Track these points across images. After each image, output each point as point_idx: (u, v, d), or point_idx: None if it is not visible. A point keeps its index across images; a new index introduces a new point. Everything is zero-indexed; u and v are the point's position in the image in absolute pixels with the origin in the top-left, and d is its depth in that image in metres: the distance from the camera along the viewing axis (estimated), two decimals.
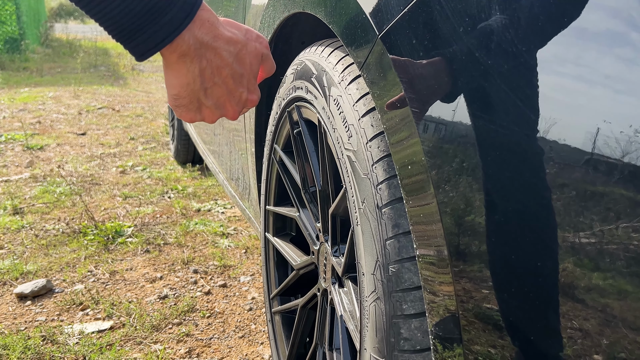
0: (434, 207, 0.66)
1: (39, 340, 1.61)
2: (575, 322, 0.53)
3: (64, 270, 2.13)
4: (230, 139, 1.94)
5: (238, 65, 0.75)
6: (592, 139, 0.50)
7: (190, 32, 0.68)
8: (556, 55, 0.54)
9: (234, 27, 0.75)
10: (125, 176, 3.53)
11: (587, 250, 0.51)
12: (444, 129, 0.65)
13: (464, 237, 0.63)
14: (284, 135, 1.25)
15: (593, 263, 0.51)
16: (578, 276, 0.52)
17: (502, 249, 0.60)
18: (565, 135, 0.52)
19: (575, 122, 0.52)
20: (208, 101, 0.75)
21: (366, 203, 0.81)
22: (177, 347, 1.59)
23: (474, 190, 0.62)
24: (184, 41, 0.67)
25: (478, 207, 0.62)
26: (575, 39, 0.53)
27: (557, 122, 0.53)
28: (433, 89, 0.67)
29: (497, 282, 0.61)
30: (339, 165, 0.91)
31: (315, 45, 1.08)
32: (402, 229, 0.76)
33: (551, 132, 0.53)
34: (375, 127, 0.81)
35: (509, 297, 0.60)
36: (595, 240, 0.50)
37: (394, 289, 0.76)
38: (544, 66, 0.55)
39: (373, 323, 0.80)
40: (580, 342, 0.53)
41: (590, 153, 0.50)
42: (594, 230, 0.50)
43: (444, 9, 0.65)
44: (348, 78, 0.90)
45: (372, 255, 0.80)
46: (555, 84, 0.55)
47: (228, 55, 0.73)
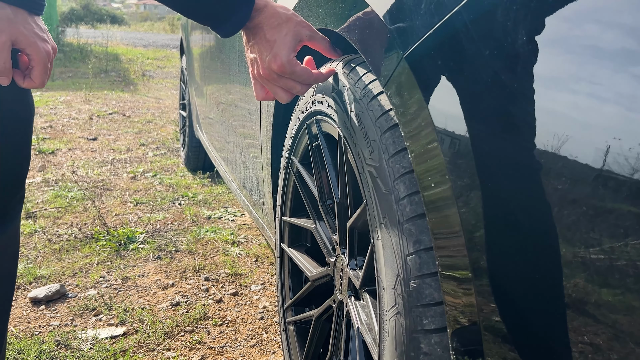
0: (456, 223, 0.67)
1: (53, 345, 1.63)
2: (602, 337, 0.54)
3: (77, 275, 2.15)
4: (244, 148, 1.96)
5: (271, 34, 0.94)
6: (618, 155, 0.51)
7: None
8: (579, 75, 0.56)
9: (283, 9, 0.97)
10: (136, 182, 3.56)
11: (614, 264, 0.52)
12: (468, 146, 0.67)
13: (486, 252, 0.65)
14: (302, 148, 1.27)
15: (618, 276, 0.52)
16: (603, 289, 0.53)
17: (525, 264, 0.61)
18: (594, 152, 0.53)
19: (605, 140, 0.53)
20: (250, 54, 0.99)
21: (387, 218, 0.82)
22: (190, 355, 1.60)
23: (497, 205, 0.63)
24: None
25: (500, 222, 0.63)
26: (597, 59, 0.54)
27: (581, 140, 0.55)
28: (457, 108, 0.68)
29: (520, 297, 0.62)
30: (359, 179, 0.93)
31: (335, 61, 1.09)
32: (424, 245, 0.77)
33: (572, 149, 0.54)
34: (397, 143, 0.83)
35: (532, 312, 0.61)
36: (620, 256, 0.51)
37: (415, 304, 0.77)
38: (569, 87, 0.57)
39: (392, 337, 0.81)
40: (609, 355, 0.54)
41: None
42: (618, 244, 0.51)
43: (469, 31, 0.67)
44: (370, 94, 0.91)
45: (392, 270, 0.81)
46: (578, 103, 0.56)
47: (265, 25, 0.94)
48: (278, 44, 0.93)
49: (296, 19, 0.97)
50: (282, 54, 0.93)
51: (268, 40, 0.94)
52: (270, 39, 0.94)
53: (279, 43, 0.93)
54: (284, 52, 0.93)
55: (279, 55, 0.93)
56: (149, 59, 11.66)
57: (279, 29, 0.94)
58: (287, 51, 0.93)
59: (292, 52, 0.94)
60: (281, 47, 0.93)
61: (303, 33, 0.97)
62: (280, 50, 0.93)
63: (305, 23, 0.98)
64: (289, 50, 0.94)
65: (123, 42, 15.00)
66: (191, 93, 3.52)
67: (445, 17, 0.70)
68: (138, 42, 15.76)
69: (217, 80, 2.43)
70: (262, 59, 0.95)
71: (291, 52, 0.94)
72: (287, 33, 0.94)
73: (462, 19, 0.68)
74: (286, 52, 0.93)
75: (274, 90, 0.99)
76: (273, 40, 0.94)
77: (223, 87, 2.28)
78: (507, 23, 0.63)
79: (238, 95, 1.93)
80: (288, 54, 0.93)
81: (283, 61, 0.93)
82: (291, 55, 0.94)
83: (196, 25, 3.23)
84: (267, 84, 0.99)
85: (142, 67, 10.11)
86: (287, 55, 0.93)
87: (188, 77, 3.67)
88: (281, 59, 0.93)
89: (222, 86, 2.28)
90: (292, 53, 0.94)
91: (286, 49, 0.93)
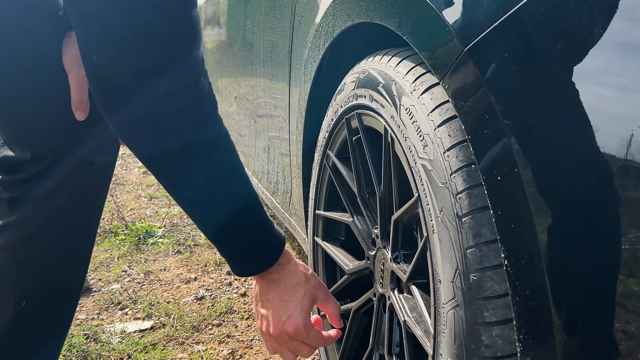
0: (526, 215, 0.68)
1: (82, 339, 1.63)
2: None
3: (99, 269, 2.15)
4: (269, 143, 1.96)
5: (288, 294, 0.91)
6: None
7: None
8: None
9: (304, 268, 0.95)
10: (148, 176, 3.56)
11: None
12: (535, 138, 0.67)
13: (557, 244, 0.65)
14: (339, 142, 1.27)
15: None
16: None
17: (600, 254, 0.61)
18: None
19: None
20: (263, 310, 0.93)
21: (444, 212, 0.83)
22: (220, 348, 1.61)
23: (567, 196, 0.64)
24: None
25: (571, 213, 0.63)
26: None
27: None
28: (524, 100, 0.68)
29: (593, 287, 0.63)
30: (409, 173, 0.93)
31: (379, 54, 1.09)
32: (484, 238, 0.77)
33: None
34: (453, 137, 0.83)
35: (606, 302, 0.61)
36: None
37: (475, 297, 0.77)
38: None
39: (451, 329, 0.82)
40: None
41: None
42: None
43: (537, 25, 0.67)
44: (421, 88, 0.91)
45: (451, 263, 0.81)
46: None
47: (283, 282, 0.91)
48: (295, 306, 0.90)
49: (315, 279, 0.95)
50: (298, 318, 0.90)
51: (284, 300, 0.90)
52: (287, 298, 0.90)
53: (296, 305, 0.90)
54: (301, 315, 0.90)
55: (295, 319, 0.90)
56: None
57: (297, 290, 0.91)
58: (304, 315, 0.90)
59: (308, 316, 0.92)
60: (298, 310, 0.90)
61: (319, 296, 0.96)
62: (297, 313, 0.90)
63: (321, 284, 0.97)
64: (306, 314, 0.91)
65: None
66: None
67: (511, 10, 0.70)
68: None
69: (235, 75, 2.42)
70: (275, 319, 0.91)
71: (307, 316, 0.92)
72: (305, 295, 0.92)
73: (529, 11, 0.68)
74: (303, 315, 0.90)
75: (281, 350, 0.95)
76: (290, 300, 0.90)
77: (244, 80, 2.28)
78: (578, 16, 0.63)
79: (263, 89, 1.93)
80: (305, 318, 0.90)
81: (299, 325, 0.90)
82: (307, 319, 0.91)
83: (208, 21, 3.22)
84: (274, 344, 0.95)
85: None
86: (304, 319, 0.90)
87: None
88: (297, 322, 0.89)
89: (244, 80, 2.28)
90: (308, 317, 0.92)
91: (303, 313, 0.90)
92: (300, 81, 1.46)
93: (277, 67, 1.70)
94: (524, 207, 0.68)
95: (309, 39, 1.37)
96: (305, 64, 1.40)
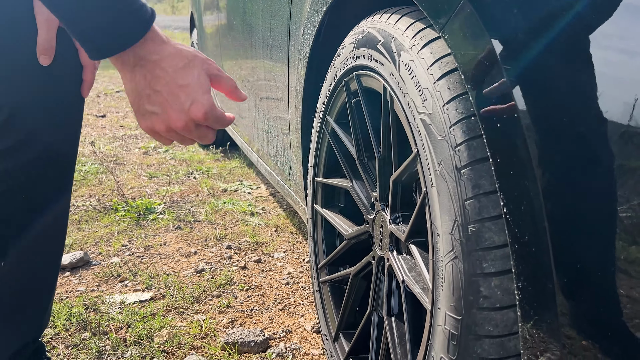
0: (527, 164, 0.67)
1: (82, 309, 1.63)
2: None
3: (99, 244, 2.15)
4: (268, 115, 1.95)
5: (181, 77, 0.80)
6: None
7: (131, 49, 0.78)
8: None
9: (184, 47, 0.83)
10: (148, 157, 3.55)
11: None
12: (538, 83, 0.66)
13: (558, 190, 0.64)
14: (338, 106, 1.26)
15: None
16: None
17: (601, 199, 0.61)
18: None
19: None
20: (151, 106, 0.81)
21: (443, 165, 0.82)
22: (219, 318, 1.61)
23: (569, 141, 0.63)
24: (125, 54, 0.79)
25: (572, 158, 0.63)
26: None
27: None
28: (527, 46, 0.67)
29: (595, 237, 0.62)
30: (408, 130, 0.92)
31: (378, 14, 1.08)
32: (483, 190, 0.77)
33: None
34: (453, 89, 0.82)
35: (608, 250, 0.61)
36: None
37: (474, 248, 0.77)
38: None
39: (449, 282, 0.81)
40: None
41: None
42: None
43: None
44: (420, 43, 0.90)
45: (449, 215, 0.81)
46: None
47: (169, 67, 0.80)
48: (196, 89, 0.80)
49: (200, 54, 0.84)
50: (204, 100, 0.80)
51: (180, 86, 0.79)
52: (182, 83, 0.80)
53: (196, 88, 0.80)
54: (205, 97, 0.80)
55: (201, 102, 0.80)
56: None
57: (190, 71, 0.80)
58: (207, 96, 0.81)
59: (210, 96, 0.82)
60: (200, 93, 0.80)
61: (212, 72, 0.85)
62: (201, 96, 0.80)
63: (208, 59, 0.85)
64: (209, 95, 0.81)
65: None
66: None
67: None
68: None
69: (237, 48, 2.40)
70: (176, 109, 0.80)
71: (210, 97, 0.82)
72: (199, 74, 0.81)
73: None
74: (207, 97, 0.81)
75: (181, 139, 0.85)
76: (186, 84, 0.80)
77: (243, 56, 2.27)
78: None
79: (262, 63, 1.92)
80: (209, 99, 0.81)
81: (206, 108, 0.80)
82: (210, 99, 0.81)
83: (208, 5, 3.20)
84: (174, 136, 0.84)
85: None
86: (209, 100, 0.80)
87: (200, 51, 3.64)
88: (204, 105, 0.80)
89: (244, 53, 2.26)
90: (210, 97, 0.82)
91: (206, 94, 0.81)
92: (299, 48, 1.44)
93: (275, 38, 1.69)
94: (524, 154, 0.67)
95: (307, 3, 1.35)
96: (304, 29, 1.39)
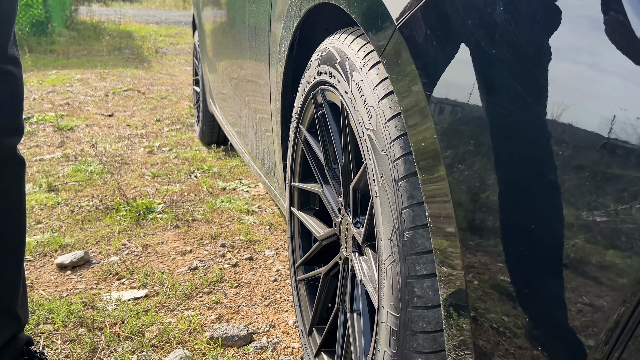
0: (444, 183, 0.75)
1: (80, 306, 1.74)
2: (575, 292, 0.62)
3: (100, 243, 2.26)
4: (256, 120, 2.04)
5: None
6: (606, 126, 0.59)
7: None
8: (559, 46, 0.63)
9: None
10: (152, 156, 3.66)
11: (583, 220, 0.60)
12: (456, 112, 0.74)
13: (471, 205, 0.73)
14: (309, 117, 1.35)
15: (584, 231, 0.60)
16: (582, 244, 0.61)
17: (507, 222, 0.69)
18: (571, 121, 0.61)
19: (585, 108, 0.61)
20: None
21: (384, 177, 0.90)
22: (208, 314, 1.71)
23: (483, 169, 0.71)
24: None
25: (486, 184, 0.71)
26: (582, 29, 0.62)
27: (565, 108, 0.62)
28: (446, 76, 0.76)
29: (500, 246, 0.70)
30: (359, 143, 1.01)
31: (338, 33, 1.17)
32: (416, 200, 0.85)
33: (556, 118, 0.62)
34: (393, 108, 0.90)
35: (510, 259, 0.69)
36: (599, 220, 0.59)
37: (409, 253, 0.86)
38: (548, 55, 0.64)
39: (390, 283, 0.90)
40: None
41: (605, 138, 0.59)
42: (600, 210, 0.59)
43: (455, 3, 0.74)
44: (369, 64, 0.99)
45: (389, 223, 0.89)
46: (563, 73, 0.63)
47: None
48: None
49: None
50: None
51: None
52: None
53: None
54: None
55: None
56: (162, 35, 11.70)
57: None
58: None
59: None
60: None
61: None
62: None
63: None
64: None
65: (135, 19, 15.04)
66: (204, 69, 3.59)
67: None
68: (150, 19, 15.79)
69: (229, 56, 2.50)
70: None
71: None
72: None
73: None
74: None
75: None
76: None
77: (235, 62, 2.35)
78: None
79: (250, 70, 2.01)
80: None
81: None
82: None
83: (208, 1, 3.29)
84: None
85: (155, 44, 10.17)
86: None
87: (200, 53, 3.74)
88: None
89: (234, 61, 2.35)
90: None
91: None
92: (277, 60, 1.53)
93: (259, 48, 1.78)
94: (441, 171, 0.76)
95: (282, 19, 1.44)
96: (280, 43, 1.48)
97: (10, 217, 1.20)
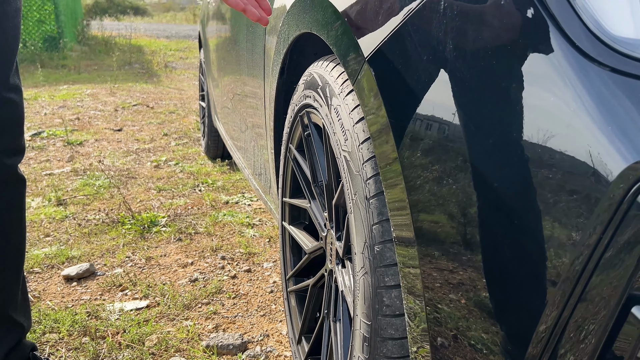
0: (404, 201, 0.83)
1: (85, 316, 1.83)
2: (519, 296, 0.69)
3: (105, 255, 2.35)
4: (254, 137, 2.13)
5: None
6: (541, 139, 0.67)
7: None
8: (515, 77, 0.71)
9: None
10: (159, 170, 3.76)
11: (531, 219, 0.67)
12: (416, 137, 0.82)
13: (427, 224, 0.80)
14: (297, 136, 1.43)
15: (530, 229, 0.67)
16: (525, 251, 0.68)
17: (456, 239, 0.77)
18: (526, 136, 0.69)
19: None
20: None
21: (358, 195, 0.98)
22: (206, 323, 1.79)
23: (441, 186, 0.79)
24: None
25: (442, 200, 0.78)
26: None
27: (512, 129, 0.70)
28: (407, 104, 0.84)
29: (452, 258, 0.78)
30: (338, 163, 1.08)
31: (322, 59, 1.25)
32: (385, 216, 0.93)
33: (504, 146, 0.70)
34: (366, 132, 0.98)
35: (461, 265, 0.76)
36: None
37: (379, 265, 0.93)
38: (500, 89, 0.72)
39: (362, 293, 0.97)
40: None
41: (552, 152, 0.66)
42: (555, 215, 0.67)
43: (413, 41, 0.82)
44: (346, 90, 1.07)
45: (362, 237, 0.97)
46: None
47: None
48: None
49: None
50: None
51: None
52: None
53: None
54: None
55: None
56: (172, 50, 11.90)
57: None
58: None
59: None
60: None
61: None
62: None
63: None
64: None
65: (146, 33, 15.28)
66: (209, 84, 3.69)
67: (397, 25, 0.85)
68: (161, 33, 16.03)
69: (231, 73, 2.59)
70: None
71: None
72: None
73: (408, 29, 0.83)
74: None
75: None
76: None
77: (236, 79, 2.45)
78: (442, 30, 0.78)
79: (248, 86, 2.10)
80: None
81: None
82: None
83: (212, 17, 3.39)
84: None
85: (165, 58, 10.35)
86: None
87: (205, 69, 3.84)
88: None
89: (236, 78, 2.45)
90: None
91: None
92: (270, 81, 1.62)
93: (255, 64, 1.87)
94: (403, 192, 0.83)
95: (274, 45, 1.53)
96: (272, 66, 1.56)
97: (10, 232, 1.29)
